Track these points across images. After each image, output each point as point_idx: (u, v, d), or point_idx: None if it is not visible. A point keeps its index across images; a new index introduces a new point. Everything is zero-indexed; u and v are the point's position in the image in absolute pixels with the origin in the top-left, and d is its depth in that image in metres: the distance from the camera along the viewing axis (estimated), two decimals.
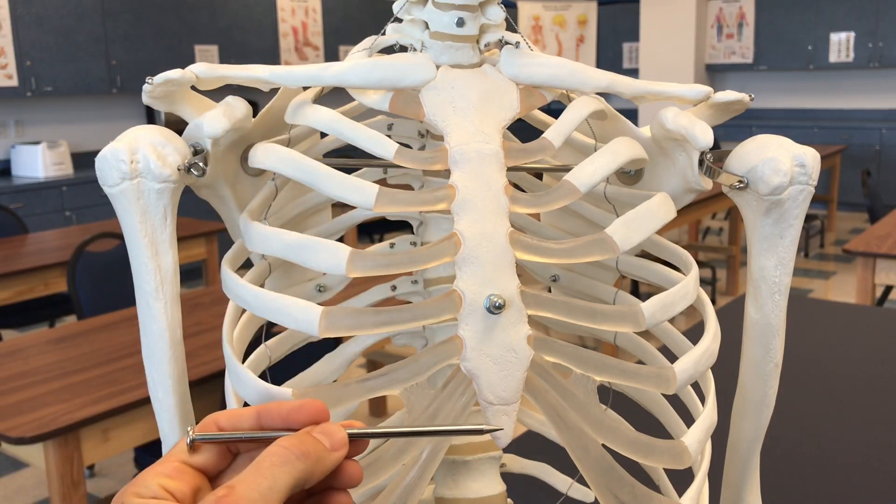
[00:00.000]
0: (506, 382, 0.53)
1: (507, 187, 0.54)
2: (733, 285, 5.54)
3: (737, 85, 9.22)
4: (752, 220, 0.60)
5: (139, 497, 0.38)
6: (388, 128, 0.67)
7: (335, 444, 0.42)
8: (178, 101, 0.58)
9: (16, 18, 5.55)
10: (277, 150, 0.55)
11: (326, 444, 0.41)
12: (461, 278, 0.52)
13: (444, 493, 0.59)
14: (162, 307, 0.56)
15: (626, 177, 0.66)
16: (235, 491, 0.37)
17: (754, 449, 0.67)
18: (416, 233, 0.65)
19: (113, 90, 6.15)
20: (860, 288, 3.32)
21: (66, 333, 2.47)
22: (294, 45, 7.44)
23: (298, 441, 0.41)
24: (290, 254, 0.53)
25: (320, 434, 0.42)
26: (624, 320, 0.55)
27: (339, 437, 0.42)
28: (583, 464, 0.53)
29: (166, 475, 0.40)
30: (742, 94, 0.60)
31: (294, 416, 0.42)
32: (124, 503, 0.38)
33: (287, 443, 0.40)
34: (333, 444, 0.42)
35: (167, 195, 0.54)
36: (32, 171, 5.77)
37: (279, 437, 0.42)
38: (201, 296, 2.81)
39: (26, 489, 3.20)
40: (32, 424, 1.81)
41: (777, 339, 0.63)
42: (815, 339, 1.70)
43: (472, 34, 0.57)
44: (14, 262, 3.51)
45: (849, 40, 8.24)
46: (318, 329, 0.51)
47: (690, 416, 0.61)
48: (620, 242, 0.55)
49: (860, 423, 1.30)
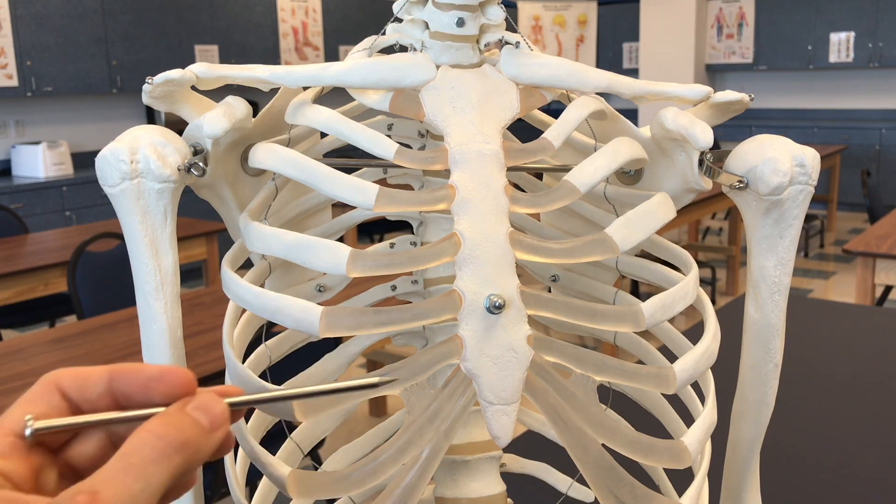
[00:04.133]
0: (506, 382, 0.53)
1: (507, 187, 0.54)
2: (733, 285, 5.54)
3: (737, 85, 9.22)
4: (752, 220, 0.60)
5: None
6: (388, 128, 0.67)
7: (215, 421, 0.34)
8: (179, 101, 0.58)
9: (16, 18, 5.55)
10: (277, 150, 0.55)
11: (205, 423, 0.34)
12: (461, 278, 0.52)
13: (444, 493, 0.59)
14: (162, 307, 0.56)
15: (626, 177, 0.66)
16: (100, 499, 0.30)
17: (754, 449, 0.67)
18: (416, 233, 0.65)
19: (113, 90, 6.15)
20: (860, 288, 3.32)
21: (66, 333, 2.47)
22: (294, 45, 7.44)
23: (175, 427, 0.33)
24: (290, 254, 0.53)
25: (197, 411, 0.34)
26: (624, 320, 0.55)
27: (219, 411, 0.34)
28: (583, 463, 0.53)
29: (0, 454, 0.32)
30: (742, 94, 0.60)
31: (155, 386, 0.35)
32: None
33: (161, 429, 0.33)
34: (213, 421, 0.34)
35: (167, 195, 0.54)
36: (33, 171, 5.77)
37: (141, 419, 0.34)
38: (201, 296, 2.81)
39: None
40: None
41: (777, 339, 0.63)
42: (815, 339, 1.70)
43: (472, 34, 0.57)
44: (14, 262, 3.51)
45: (849, 40, 8.24)
46: (318, 329, 0.51)
47: (690, 416, 0.61)
48: (620, 242, 0.55)
49: (860, 423, 1.30)
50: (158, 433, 0.32)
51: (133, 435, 0.33)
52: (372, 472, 0.51)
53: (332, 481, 0.52)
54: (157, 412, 0.34)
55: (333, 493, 0.52)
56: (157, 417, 0.33)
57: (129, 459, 0.31)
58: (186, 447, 0.33)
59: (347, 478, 0.52)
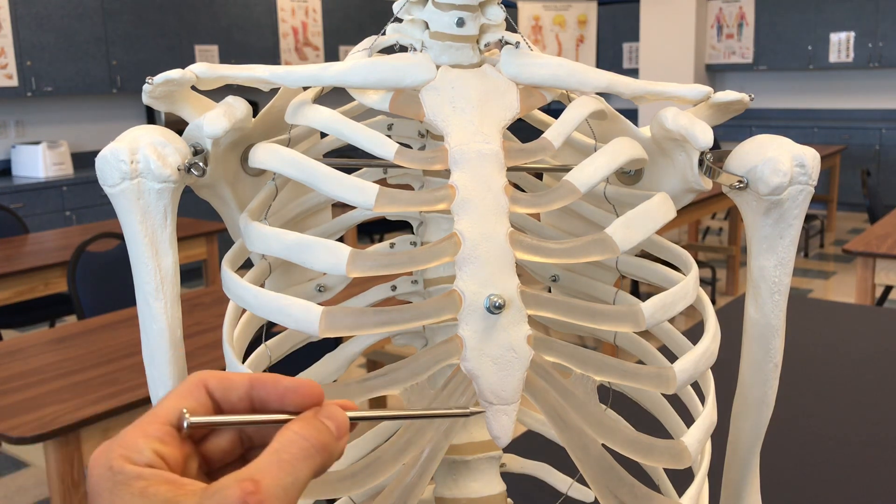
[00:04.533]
0: (506, 382, 0.53)
1: (507, 187, 0.54)
2: (733, 285, 5.54)
3: (737, 85, 9.21)
4: (752, 220, 0.60)
5: (131, 463, 0.34)
6: (388, 128, 0.67)
7: (340, 429, 0.39)
8: (179, 101, 0.58)
9: (16, 18, 5.55)
10: (278, 151, 0.55)
11: (334, 430, 0.38)
12: (461, 278, 0.52)
13: (444, 493, 0.59)
14: (162, 307, 0.56)
15: (625, 177, 0.66)
16: (262, 487, 0.34)
17: (754, 449, 0.67)
18: (416, 233, 0.65)
19: (113, 90, 6.15)
20: (860, 288, 3.32)
21: (66, 333, 2.47)
22: (294, 45, 7.44)
23: (316, 431, 0.38)
24: (290, 254, 0.53)
25: (328, 419, 0.39)
26: (624, 320, 0.55)
27: (343, 421, 0.39)
28: (583, 463, 0.53)
29: (159, 440, 0.36)
30: (742, 94, 0.60)
31: (290, 396, 0.39)
32: (113, 467, 0.34)
33: (304, 431, 0.37)
34: (339, 429, 0.39)
35: (167, 195, 0.54)
36: (33, 171, 5.77)
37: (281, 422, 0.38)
38: (201, 296, 2.81)
39: (26, 489, 3.20)
40: (33, 424, 1.81)
41: (777, 339, 0.63)
42: (815, 339, 1.70)
43: (472, 34, 0.57)
44: (14, 262, 3.51)
45: (849, 40, 8.24)
46: (318, 329, 0.51)
47: (690, 416, 0.61)
48: (620, 242, 0.55)
49: (860, 423, 1.30)
50: (303, 434, 0.37)
51: (280, 435, 0.37)
52: (372, 472, 0.51)
53: (332, 481, 0.52)
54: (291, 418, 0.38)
55: (333, 494, 0.52)
56: (299, 422, 0.38)
57: (280, 455, 0.36)
58: (324, 450, 0.37)
59: (347, 478, 0.52)
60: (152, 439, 0.36)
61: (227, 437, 0.40)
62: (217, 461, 0.40)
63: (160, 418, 0.37)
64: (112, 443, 0.35)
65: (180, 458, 0.37)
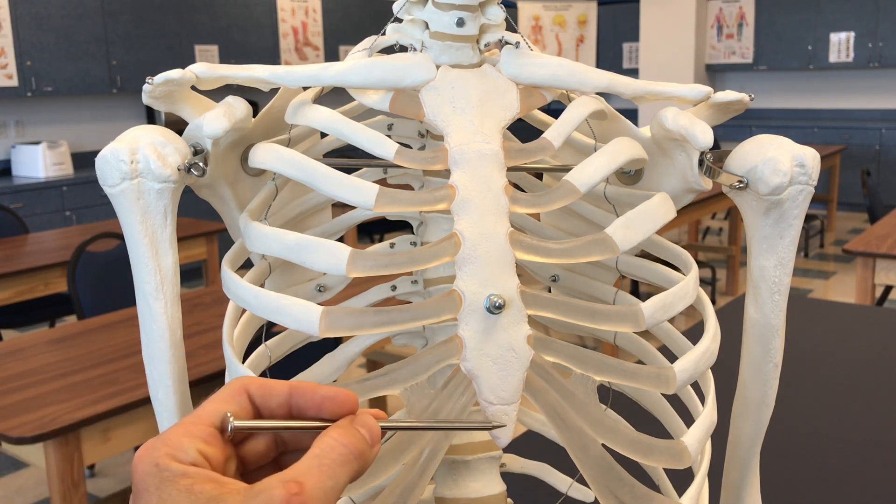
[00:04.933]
0: (506, 382, 0.53)
1: (507, 187, 0.54)
2: (733, 285, 5.54)
3: (737, 85, 9.22)
4: (752, 220, 0.60)
5: (177, 462, 0.35)
6: (388, 128, 0.67)
7: (373, 437, 0.40)
8: (179, 101, 0.58)
9: (16, 18, 5.55)
10: (277, 151, 0.55)
11: (368, 438, 0.40)
12: (461, 278, 0.52)
13: (444, 493, 0.59)
14: (162, 307, 0.56)
15: (625, 177, 0.66)
16: (305, 489, 0.35)
17: (754, 449, 0.67)
18: (416, 233, 0.65)
19: (113, 90, 6.15)
20: (860, 288, 3.32)
21: (66, 333, 2.47)
22: (294, 45, 7.44)
23: (353, 438, 0.39)
24: (290, 254, 0.53)
25: (362, 428, 0.40)
26: (624, 320, 0.55)
27: (375, 430, 0.41)
28: (583, 463, 0.53)
29: (203, 440, 0.37)
30: (742, 94, 0.60)
31: (327, 405, 0.41)
32: (159, 465, 0.35)
33: (343, 438, 0.39)
34: (372, 437, 0.40)
35: (167, 195, 0.54)
36: (33, 171, 5.77)
37: (319, 429, 0.40)
38: (201, 296, 2.81)
39: (26, 489, 3.20)
40: (33, 424, 1.81)
41: (777, 339, 0.63)
42: (815, 339, 1.70)
43: (472, 34, 0.57)
44: (14, 262, 3.51)
45: (849, 40, 8.24)
46: (318, 329, 0.51)
47: (690, 416, 0.61)
48: (620, 242, 0.55)
49: (860, 423, 1.30)
50: (342, 441, 0.39)
51: (319, 440, 0.39)
52: (372, 472, 0.51)
53: None
54: (328, 425, 0.40)
55: None
56: (337, 429, 0.39)
57: (321, 460, 0.37)
58: (361, 456, 0.39)
59: None
60: (197, 439, 0.37)
61: (263, 440, 0.41)
62: (252, 463, 0.41)
63: (204, 420, 0.38)
64: (157, 441, 0.37)
65: (222, 459, 0.38)
